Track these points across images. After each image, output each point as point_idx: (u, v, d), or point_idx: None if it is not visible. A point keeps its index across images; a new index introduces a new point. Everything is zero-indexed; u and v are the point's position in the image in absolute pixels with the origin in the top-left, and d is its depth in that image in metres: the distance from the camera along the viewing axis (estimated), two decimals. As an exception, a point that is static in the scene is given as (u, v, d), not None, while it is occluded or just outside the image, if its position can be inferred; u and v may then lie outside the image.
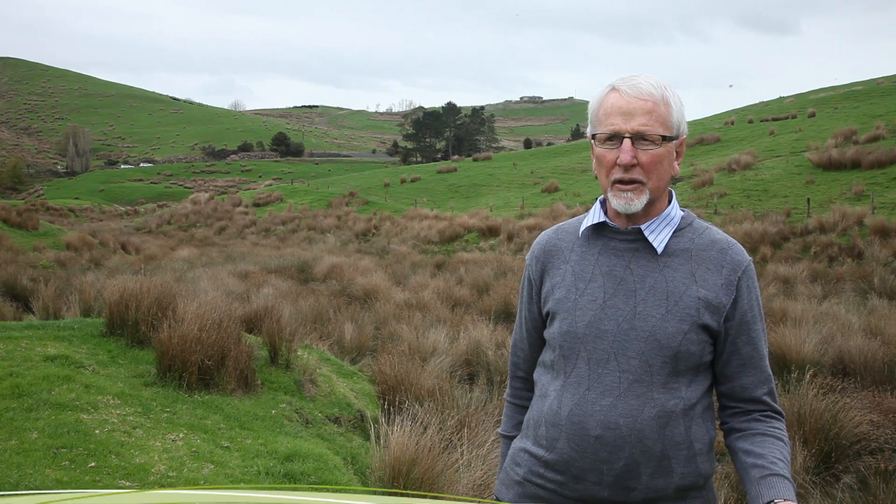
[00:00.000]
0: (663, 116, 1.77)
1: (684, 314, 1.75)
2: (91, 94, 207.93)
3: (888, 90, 52.81)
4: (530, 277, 1.99)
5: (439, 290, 13.89)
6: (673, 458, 1.74)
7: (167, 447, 4.09)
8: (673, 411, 1.74)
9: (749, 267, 1.83)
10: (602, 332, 1.77)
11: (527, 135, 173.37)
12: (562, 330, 1.82)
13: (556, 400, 1.81)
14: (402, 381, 6.29)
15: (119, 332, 5.91)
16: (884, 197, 22.18)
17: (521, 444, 1.92)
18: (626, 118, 1.76)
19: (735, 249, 1.83)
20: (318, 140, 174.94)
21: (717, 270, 1.79)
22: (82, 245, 27.01)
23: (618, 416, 1.73)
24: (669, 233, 1.82)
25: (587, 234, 1.89)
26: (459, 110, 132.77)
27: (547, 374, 1.89)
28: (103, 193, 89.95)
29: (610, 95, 1.81)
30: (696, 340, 1.75)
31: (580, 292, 1.83)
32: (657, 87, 1.78)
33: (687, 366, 1.76)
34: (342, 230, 36.06)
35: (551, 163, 54.68)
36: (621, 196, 1.78)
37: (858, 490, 4.91)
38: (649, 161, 1.76)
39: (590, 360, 1.78)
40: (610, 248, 1.84)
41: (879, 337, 8.48)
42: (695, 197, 28.58)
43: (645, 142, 1.75)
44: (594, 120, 1.84)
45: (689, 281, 1.78)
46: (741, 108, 73.11)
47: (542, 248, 1.97)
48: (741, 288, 1.80)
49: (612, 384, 1.76)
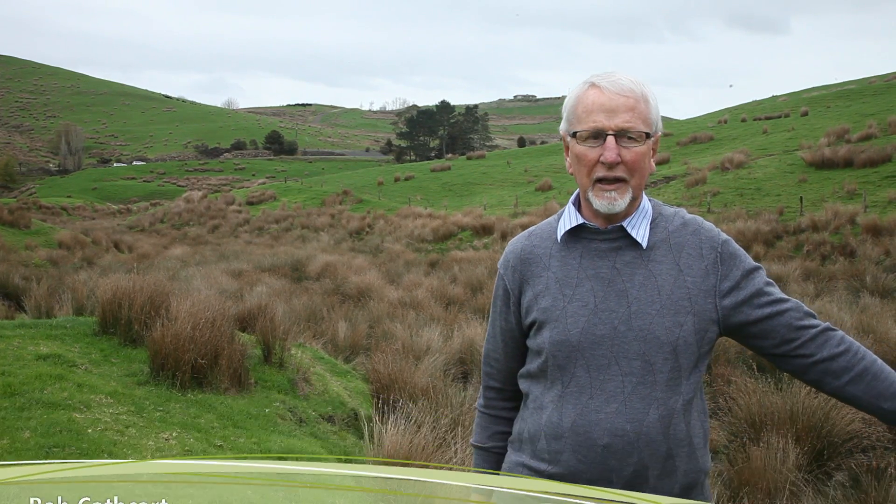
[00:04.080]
0: (644, 113, 1.74)
1: (678, 306, 1.73)
2: (83, 91, 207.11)
3: (880, 89, 53.00)
4: (507, 287, 1.91)
5: (433, 288, 13.90)
6: (676, 456, 1.72)
7: (160, 446, 4.08)
8: (674, 408, 1.72)
9: (721, 238, 1.80)
10: (598, 338, 1.73)
11: (521, 133, 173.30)
12: (553, 339, 1.76)
13: (556, 411, 1.76)
14: (396, 379, 6.29)
15: (112, 331, 5.89)
16: (876, 195, 22.26)
17: (518, 459, 1.86)
18: (609, 115, 1.72)
19: (706, 227, 1.82)
20: (311, 138, 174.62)
21: (697, 254, 1.77)
22: (75, 243, 26.91)
23: (625, 422, 1.70)
24: (647, 225, 1.80)
25: (565, 237, 1.84)
26: (453, 109, 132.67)
27: (537, 384, 1.84)
28: (96, 192, 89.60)
29: (589, 92, 1.76)
30: (692, 331, 1.73)
31: (568, 299, 1.77)
32: (636, 84, 1.75)
33: (687, 359, 1.73)
34: (336, 228, 36.02)
35: (545, 161, 54.69)
36: (604, 196, 1.74)
37: (850, 488, 4.94)
38: (633, 159, 1.73)
39: (589, 368, 1.73)
40: (592, 250, 1.80)
41: (871, 335, 8.51)
42: (688, 195, 28.63)
43: (628, 139, 1.72)
44: (572, 118, 1.79)
45: (675, 271, 1.75)
46: (734, 107, 73.28)
47: (516, 256, 1.90)
48: (725, 263, 1.78)
49: (615, 389, 1.72)
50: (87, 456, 3.70)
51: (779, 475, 4.82)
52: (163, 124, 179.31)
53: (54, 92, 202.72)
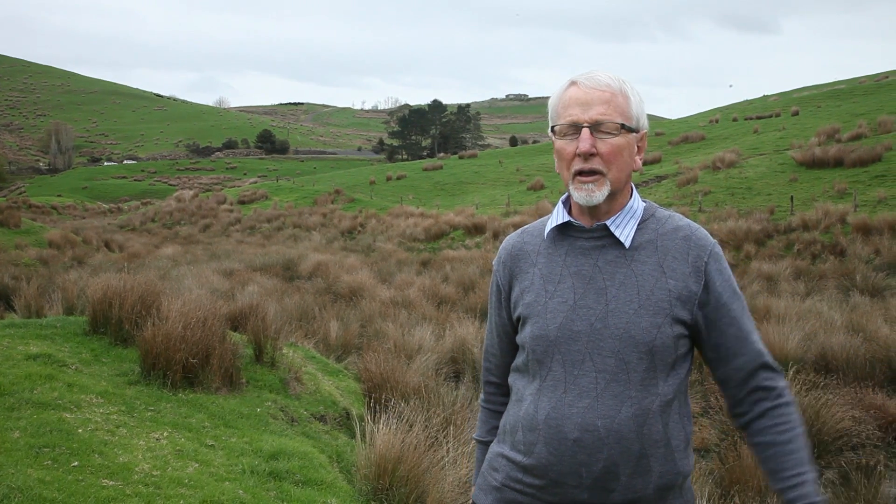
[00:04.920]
0: (622, 106, 1.77)
1: (657, 307, 1.73)
2: (74, 90, 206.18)
3: (870, 89, 53.26)
4: (499, 283, 1.97)
5: (425, 287, 13.89)
6: (651, 456, 1.72)
7: (151, 446, 4.06)
8: (650, 409, 1.72)
9: (714, 250, 1.81)
10: (575, 334, 1.75)
11: (513, 132, 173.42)
12: (534, 334, 1.80)
13: (533, 404, 1.80)
14: (388, 378, 6.29)
15: (102, 331, 5.87)
16: (866, 195, 22.37)
17: (499, 450, 1.90)
18: (584, 108, 1.76)
19: (698, 234, 1.82)
20: (303, 137, 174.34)
21: (683, 258, 1.78)
22: (65, 243, 26.78)
23: (595, 418, 1.71)
24: (634, 226, 1.81)
25: (553, 235, 1.87)
26: (445, 108, 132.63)
27: (522, 378, 1.87)
28: (86, 191, 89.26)
29: (569, 89, 1.81)
30: (670, 333, 1.73)
31: (550, 295, 1.81)
32: (615, 80, 1.79)
33: (663, 360, 1.74)
34: (327, 228, 35.97)
35: (537, 160, 54.72)
36: (582, 188, 1.77)
37: (840, 485, 4.96)
38: (608, 151, 1.75)
39: (565, 363, 1.76)
40: (576, 248, 1.83)
41: (861, 334, 8.56)
42: (679, 195, 28.70)
43: (603, 131, 1.75)
44: (554, 114, 1.84)
45: (657, 273, 1.76)
46: (726, 107, 73.53)
47: (508, 252, 1.95)
48: (710, 272, 1.78)
49: (588, 385, 1.74)
50: (78, 456, 3.68)
51: (769, 473, 4.84)
52: (154, 123, 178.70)
53: (44, 90, 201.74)
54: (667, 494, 1.76)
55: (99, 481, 3.45)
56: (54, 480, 3.32)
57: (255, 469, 4.04)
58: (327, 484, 4.10)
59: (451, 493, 4.23)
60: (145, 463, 3.80)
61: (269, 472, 4.05)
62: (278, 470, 4.09)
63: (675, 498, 1.78)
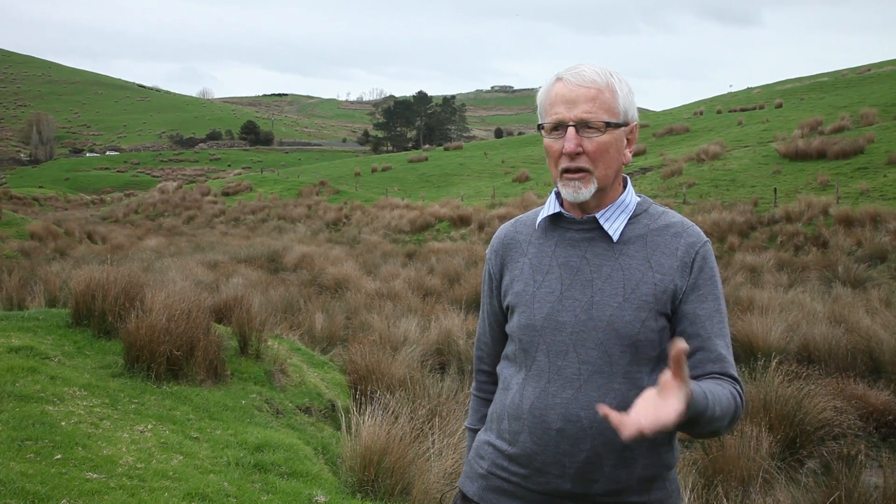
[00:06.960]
0: (608, 103, 1.76)
1: (641, 302, 1.73)
2: (55, 80, 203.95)
3: (853, 82, 53.64)
4: (490, 271, 1.98)
5: (410, 279, 13.89)
6: (635, 449, 1.73)
7: (135, 438, 4.04)
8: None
9: (704, 247, 1.80)
10: (560, 324, 1.76)
11: (498, 124, 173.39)
12: (521, 323, 1.81)
13: (518, 393, 1.81)
14: (374, 370, 6.29)
15: (85, 323, 5.83)
16: (848, 187, 22.55)
17: (485, 437, 1.92)
18: (569, 106, 1.75)
19: (690, 231, 1.81)
20: (287, 129, 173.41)
21: (672, 254, 1.77)
22: (47, 234, 26.55)
23: (579, 409, 1.72)
24: (625, 220, 1.81)
25: (544, 225, 1.88)
26: (430, 99, 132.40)
27: (510, 367, 1.88)
28: (68, 182, 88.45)
29: (555, 86, 1.80)
30: (654, 327, 1.73)
31: (538, 285, 1.82)
32: (601, 75, 1.77)
33: (647, 354, 1.74)
34: (312, 220, 35.86)
35: (522, 152, 54.75)
36: (569, 185, 1.77)
37: (822, 475, 5.01)
38: (594, 149, 1.75)
39: (549, 353, 1.77)
40: (566, 239, 1.84)
41: (843, 324, 8.64)
42: (664, 187, 28.82)
43: (589, 129, 1.75)
44: (542, 111, 1.84)
45: (644, 267, 1.76)
46: (710, 99, 73.83)
47: (500, 241, 1.97)
48: (696, 268, 1.77)
49: (572, 376, 1.74)
50: (61, 449, 3.66)
51: (752, 463, 4.89)
52: (137, 114, 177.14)
53: (25, 80, 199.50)
54: (651, 485, 1.77)
55: (83, 474, 3.43)
56: (37, 473, 3.30)
57: (240, 461, 4.04)
58: (312, 476, 4.10)
59: (437, 485, 4.23)
60: (129, 455, 3.78)
61: (254, 464, 4.04)
62: (263, 462, 4.08)
63: (659, 489, 1.78)
